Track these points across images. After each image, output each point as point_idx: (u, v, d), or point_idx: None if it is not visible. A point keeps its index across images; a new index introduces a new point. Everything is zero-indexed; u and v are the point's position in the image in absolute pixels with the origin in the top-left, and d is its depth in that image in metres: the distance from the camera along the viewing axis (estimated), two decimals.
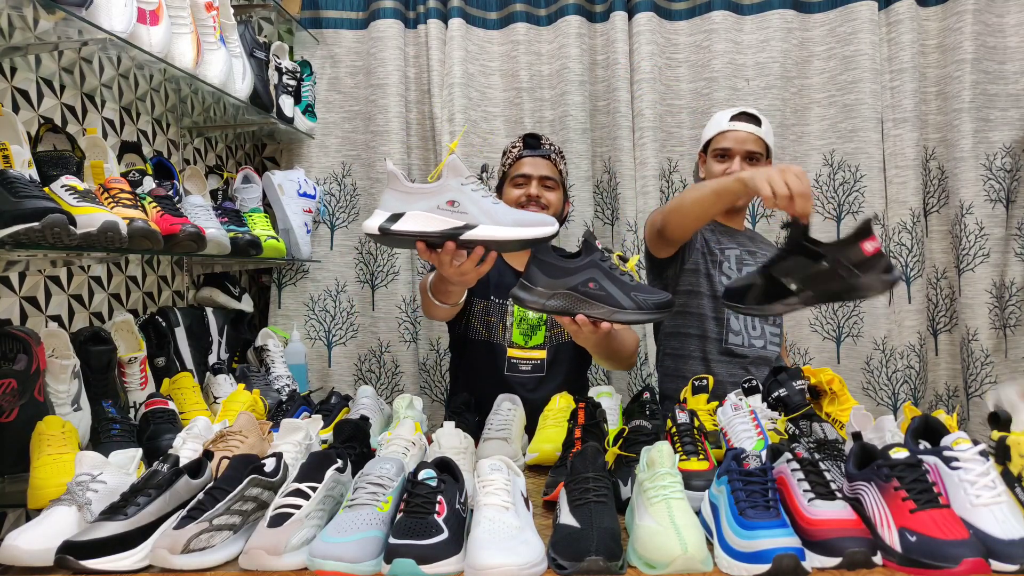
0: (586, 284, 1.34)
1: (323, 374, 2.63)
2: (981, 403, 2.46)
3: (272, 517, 1.03)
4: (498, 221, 1.26)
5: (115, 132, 1.90)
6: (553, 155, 1.98)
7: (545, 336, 1.94)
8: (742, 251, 1.98)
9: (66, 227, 1.23)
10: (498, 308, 1.94)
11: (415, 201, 1.27)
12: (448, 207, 1.26)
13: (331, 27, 2.64)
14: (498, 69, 2.65)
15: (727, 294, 1.45)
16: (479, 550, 0.95)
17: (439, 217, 1.26)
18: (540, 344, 1.94)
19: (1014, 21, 2.47)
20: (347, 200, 2.65)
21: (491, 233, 1.25)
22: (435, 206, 1.26)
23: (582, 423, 1.35)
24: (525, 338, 1.93)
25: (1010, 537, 0.95)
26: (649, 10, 2.54)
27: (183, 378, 1.75)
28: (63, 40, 1.53)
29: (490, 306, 1.93)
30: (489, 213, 1.26)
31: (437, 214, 1.26)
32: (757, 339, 1.94)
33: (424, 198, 1.27)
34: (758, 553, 0.94)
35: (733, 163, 1.92)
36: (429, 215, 1.26)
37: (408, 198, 1.27)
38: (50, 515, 1.07)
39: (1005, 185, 2.47)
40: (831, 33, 2.55)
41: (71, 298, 1.73)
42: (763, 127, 1.95)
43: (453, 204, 1.26)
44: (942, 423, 1.20)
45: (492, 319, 1.94)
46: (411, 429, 1.41)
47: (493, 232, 1.25)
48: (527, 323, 1.93)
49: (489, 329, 1.94)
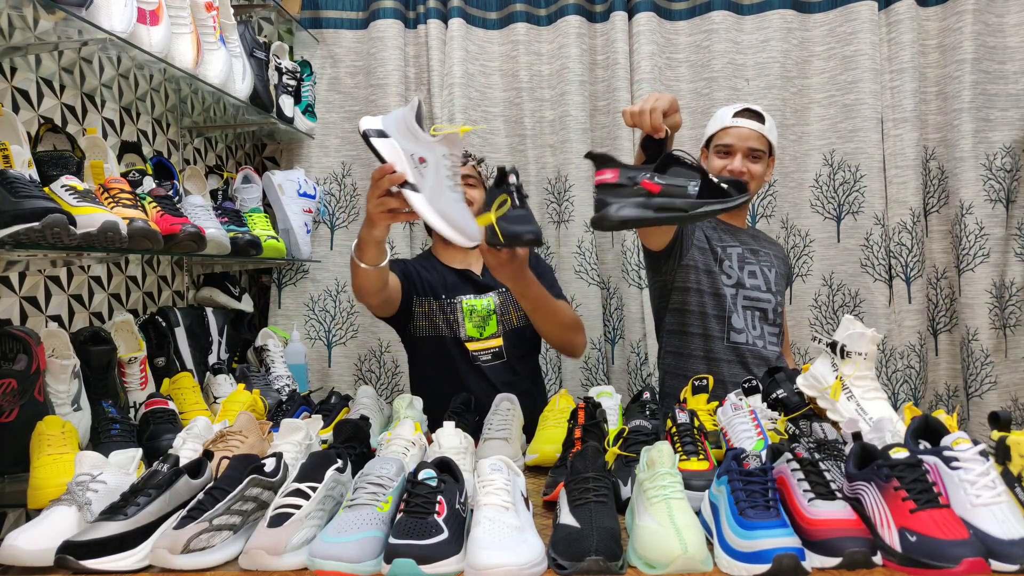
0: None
1: (323, 374, 2.63)
2: (981, 403, 2.46)
3: (272, 517, 1.03)
4: (433, 202, 1.38)
5: (115, 132, 1.90)
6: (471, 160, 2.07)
7: (497, 324, 1.97)
8: (744, 249, 1.98)
9: (66, 227, 1.23)
10: (448, 306, 1.96)
11: (403, 136, 1.39)
12: (418, 163, 1.39)
13: (331, 27, 2.64)
14: (498, 69, 2.65)
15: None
16: (479, 550, 0.95)
17: (406, 161, 1.39)
18: (495, 333, 1.97)
19: (1014, 21, 2.47)
20: (347, 200, 2.65)
21: (417, 205, 1.38)
22: (411, 153, 1.39)
23: (582, 423, 1.35)
24: (479, 330, 1.96)
25: (1010, 537, 0.94)
26: (649, 10, 2.54)
27: (183, 378, 1.75)
28: (63, 40, 1.53)
29: (442, 305, 1.96)
30: (436, 191, 1.38)
31: (406, 158, 1.39)
32: (758, 338, 1.94)
33: (411, 139, 1.39)
34: (758, 553, 0.94)
35: (735, 160, 1.91)
36: (401, 153, 1.39)
37: (402, 130, 1.40)
38: (50, 515, 1.07)
39: (1005, 185, 2.47)
40: (831, 33, 2.55)
41: (71, 298, 1.73)
42: (767, 124, 1.94)
43: (423, 162, 1.39)
44: (942, 423, 1.20)
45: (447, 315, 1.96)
46: (411, 429, 1.41)
47: (420, 206, 1.38)
48: (477, 315, 1.97)
49: (439, 327, 1.96)
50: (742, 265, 1.96)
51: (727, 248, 1.97)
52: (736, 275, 1.94)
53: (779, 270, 2.03)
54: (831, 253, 2.57)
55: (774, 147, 1.98)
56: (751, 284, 1.95)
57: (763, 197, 2.58)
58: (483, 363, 1.96)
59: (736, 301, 1.93)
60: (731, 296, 1.93)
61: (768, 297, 1.97)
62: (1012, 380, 2.48)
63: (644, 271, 2.41)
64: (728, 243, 1.98)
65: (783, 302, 2.04)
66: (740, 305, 1.93)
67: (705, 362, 1.92)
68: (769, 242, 2.11)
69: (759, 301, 1.95)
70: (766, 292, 1.97)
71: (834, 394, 1.45)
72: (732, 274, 1.94)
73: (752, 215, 2.58)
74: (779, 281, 2.02)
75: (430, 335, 1.97)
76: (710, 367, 1.90)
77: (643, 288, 2.51)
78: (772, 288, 1.98)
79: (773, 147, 1.98)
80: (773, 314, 1.97)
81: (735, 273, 1.94)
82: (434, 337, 1.96)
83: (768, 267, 2.00)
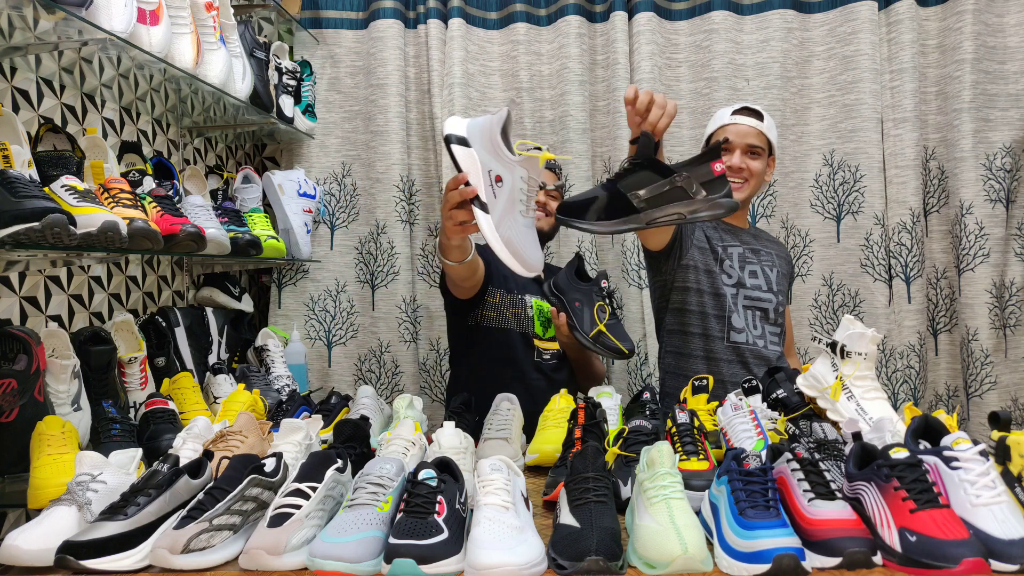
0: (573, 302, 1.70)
1: (323, 374, 2.63)
2: (981, 403, 2.46)
3: (272, 517, 1.03)
4: (500, 226, 1.31)
5: (115, 132, 1.90)
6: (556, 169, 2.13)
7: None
8: (745, 249, 1.98)
9: (66, 227, 1.23)
10: (520, 302, 2.02)
11: (485, 148, 1.33)
12: (494, 181, 1.32)
13: (331, 27, 2.64)
14: (498, 69, 2.65)
15: (564, 208, 1.41)
16: (479, 550, 0.95)
17: (481, 176, 1.32)
18: (553, 336, 2.02)
19: (1014, 21, 2.47)
20: (347, 200, 2.65)
21: (485, 227, 1.32)
22: (489, 170, 1.32)
23: (582, 423, 1.35)
24: (544, 329, 2.02)
25: (1010, 537, 0.95)
26: (649, 10, 2.54)
27: (183, 378, 1.75)
28: (63, 40, 1.53)
29: (514, 299, 2.01)
30: (505, 216, 1.31)
31: (483, 174, 1.32)
32: (759, 338, 1.94)
33: (492, 154, 1.32)
34: (758, 553, 0.94)
35: (734, 156, 1.92)
36: (478, 166, 1.32)
37: (485, 142, 1.33)
38: (50, 515, 1.07)
39: (1005, 185, 2.47)
40: (831, 33, 2.55)
41: (71, 298, 1.73)
42: (765, 122, 1.95)
43: (499, 181, 1.32)
44: (942, 423, 1.20)
45: (516, 311, 2.01)
46: (411, 429, 1.41)
47: (487, 229, 1.32)
48: (544, 316, 2.02)
49: (509, 320, 2.01)
50: (743, 265, 1.96)
51: (728, 248, 1.97)
52: (737, 275, 1.94)
53: (781, 270, 2.03)
54: (831, 253, 2.57)
55: (774, 146, 1.98)
56: (752, 284, 1.96)
57: (763, 197, 2.58)
58: (545, 361, 2.00)
59: (737, 301, 1.93)
60: (731, 296, 1.93)
61: (769, 297, 1.97)
62: (1012, 380, 2.48)
63: (644, 271, 2.41)
64: (729, 243, 1.98)
65: (784, 302, 2.04)
66: (741, 305, 1.93)
67: (705, 362, 1.92)
68: (771, 241, 2.11)
69: (760, 301, 1.95)
70: (767, 292, 1.97)
71: (834, 394, 1.45)
72: (733, 274, 1.94)
73: (752, 215, 2.58)
74: (781, 281, 2.02)
75: (498, 326, 1.99)
76: (710, 367, 1.90)
77: (643, 288, 2.51)
78: (773, 288, 1.98)
79: (773, 146, 1.98)
80: (774, 314, 1.97)
81: (736, 273, 1.94)
82: (502, 329, 1.99)
83: (770, 267, 2.00)
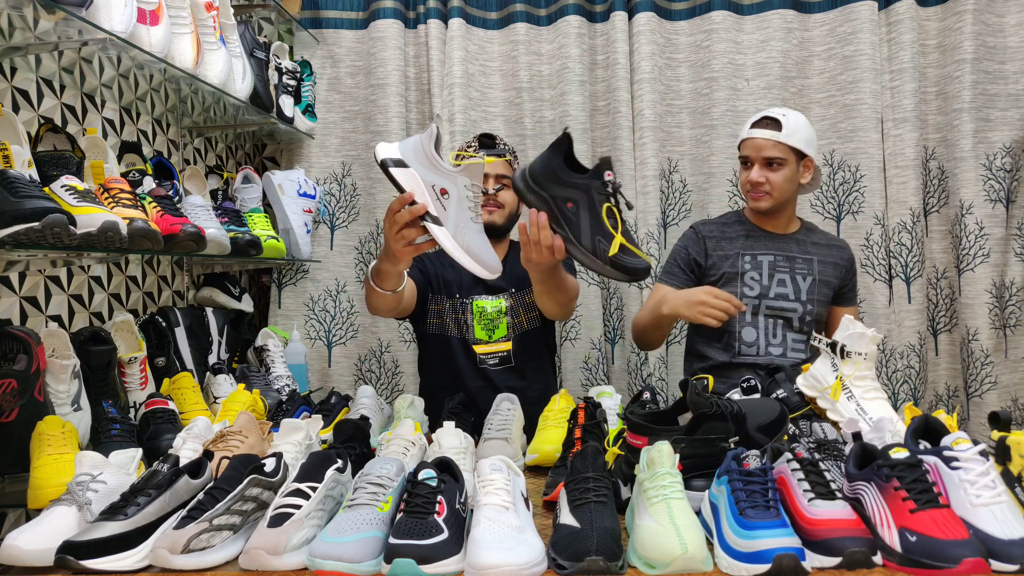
0: (565, 202, 1.39)
1: (323, 374, 2.63)
2: (981, 403, 2.46)
3: (272, 517, 1.03)
4: (457, 236, 1.35)
5: (115, 132, 1.90)
6: (508, 154, 1.98)
7: (508, 327, 1.96)
8: (777, 256, 1.97)
9: (66, 227, 1.23)
10: (461, 306, 1.96)
11: (423, 166, 1.36)
12: (440, 194, 1.35)
13: (331, 27, 2.64)
14: (498, 69, 2.65)
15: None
16: (479, 550, 0.95)
17: (427, 192, 1.35)
18: (504, 336, 1.96)
19: (1014, 21, 2.47)
20: (347, 200, 2.65)
21: (441, 239, 1.35)
22: (432, 184, 1.35)
23: (582, 423, 1.35)
24: (488, 333, 1.95)
25: (1010, 537, 0.95)
26: (649, 10, 2.54)
27: (183, 378, 1.75)
28: (63, 40, 1.53)
29: (455, 305, 1.96)
30: (459, 225, 1.35)
31: (428, 189, 1.35)
32: (775, 347, 1.94)
33: (432, 170, 1.36)
34: (758, 553, 0.94)
35: (752, 171, 1.94)
36: (422, 184, 1.35)
37: (421, 158, 1.36)
38: (50, 515, 1.07)
39: (1005, 185, 2.47)
40: (831, 33, 2.54)
41: (71, 298, 1.73)
42: (784, 130, 1.90)
43: (444, 194, 1.35)
44: (942, 423, 1.20)
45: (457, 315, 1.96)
46: (411, 429, 1.41)
47: (446, 241, 1.35)
48: (486, 317, 1.96)
49: (450, 327, 1.96)
50: (772, 272, 1.96)
51: (757, 256, 1.97)
52: (760, 286, 1.95)
53: (821, 276, 1.99)
54: None
55: (800, 149, 1.92)
56: (777, 293, 1.96)
57: None
58: (490, 367, 1.94)
59: (758, 311, 1.95)
60: (752, 307, 1.95)
61: (795, 306, 1.96)
62: (1012, 380, 2.48)
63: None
64: (761, 251, 1.98)
65: (821, 311, 1.99)
66: (762, 314, 1.95)
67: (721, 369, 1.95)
68: (822, 245, 2.04)
69: (783, 311, 1.95)
70: (793, 301, 1.96)
71: (834, 394, 1.45)
72: (755, 285, 1.95)
73: None
74: (817, 289, 1.98)
75: (438, 333, 1.97)
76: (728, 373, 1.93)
77: (643, 288, 2.51)
78: (802, 296, 1.96)
79: (799, 150, 1.92)
80: (799, 322, 1.96)
81: (759, 283, 1.95)
82: (441, 336, 1.96)
83: (803, 275, 1.98)
